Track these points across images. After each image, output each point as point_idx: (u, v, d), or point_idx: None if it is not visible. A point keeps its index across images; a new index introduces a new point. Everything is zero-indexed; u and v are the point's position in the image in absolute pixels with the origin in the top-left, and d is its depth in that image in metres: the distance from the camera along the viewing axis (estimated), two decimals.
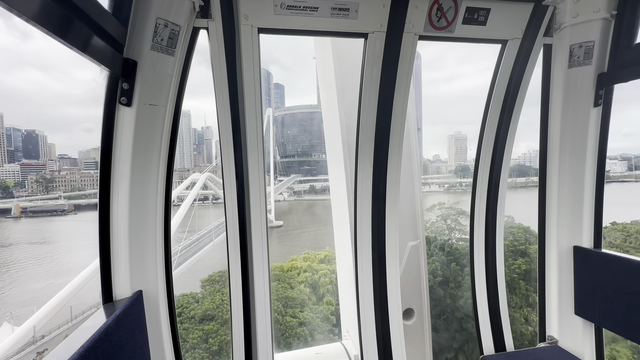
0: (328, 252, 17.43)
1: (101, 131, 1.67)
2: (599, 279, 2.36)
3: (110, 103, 1.65)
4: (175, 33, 1.72)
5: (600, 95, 2.29)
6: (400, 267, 3.02)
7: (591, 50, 2.22)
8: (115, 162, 1.70)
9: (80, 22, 1.22)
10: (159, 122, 1.79)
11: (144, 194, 1.81)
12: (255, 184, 2.21)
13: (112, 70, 1.55)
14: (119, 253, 1.77)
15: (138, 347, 1.65)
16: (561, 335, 2.62)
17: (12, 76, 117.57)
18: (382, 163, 2.37)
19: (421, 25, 2.11)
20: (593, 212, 2.49)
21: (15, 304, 21.45)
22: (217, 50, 1.95)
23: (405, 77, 2.22)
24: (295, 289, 15.25)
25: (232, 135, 2.09)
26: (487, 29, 2.22)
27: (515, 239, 15.58)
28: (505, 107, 2.47)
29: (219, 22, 1.90)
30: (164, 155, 1.87)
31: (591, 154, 2.41)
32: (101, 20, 1.34)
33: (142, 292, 1.82)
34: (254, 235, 2.26)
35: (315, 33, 2.16)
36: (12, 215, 39.58)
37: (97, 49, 1.37)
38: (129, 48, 1.62)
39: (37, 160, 55.93)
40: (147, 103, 1.71)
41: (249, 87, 2.06)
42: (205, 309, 13.91)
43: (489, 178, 2.64)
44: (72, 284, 13.17)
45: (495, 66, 2.43)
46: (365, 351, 2.56)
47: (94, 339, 1.27)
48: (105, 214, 1.74)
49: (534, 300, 13.69)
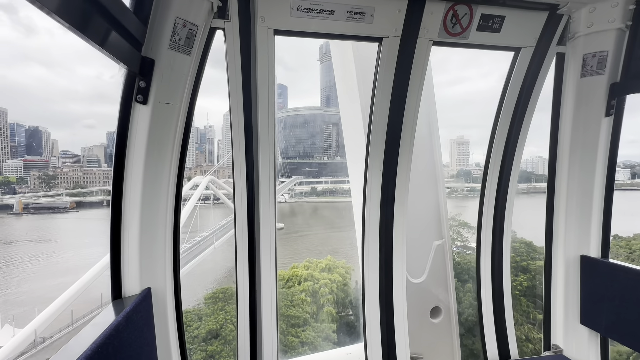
0: (329, 261, 17.32)
1: (116, 128, 1.68)
2: (606, 289, 2.36)
3: (127, 101, 1.66)
4: (193, 33, 1.74)
5: (612, 105, 2.30)
6: (427, 266, 3.08)
7: (604, 60, 2.22)
8: (129, 159, 1.72)
9: (102, 18, 1.23)
10: (173, 121, 1.81)
11: (156, 192, 1.82)
12: (265, 184, 2.22)
13: (130, 68, 1.56)
14: (130, 250, 1.78)
15: (146, 344, 1.66)
16: (566, 345, 2.61)
17: (17, 71, 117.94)
18: (392, 167, 2.37)
19: (436, 30, 2.12)
20: (601, 222, 2.49)
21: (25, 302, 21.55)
22: (232, 51, 1.97)
23: (417, 82, 2.23)
24: (297, 307, 14.98)
25: (244, 135, 2.10)
26: (500, 36, 2.22)
27: (516, 254, 15.41)
28: (516, 115, 2.47)
29: (236, 23, 1.92)
30: (176, 153, 1.89)
31: (601, 164, 2.41)
32: (122, 18, 1.35)
33: (150, 289, 1.83)
34: (262, 234, 2.26)
35: (330, 36, 2.18)
36: (14, 211, 39.66)
37: (116, 46, 1.38)
38: (147, 47, 1.63)
39: (40, 156, 56.10)
40: (163, 101, 1.73)
41: (262, 87, 2.08)
42: (209, 329, 13.73)
43: (497, 185, 2.63)
44: (74, 286, 13.21)
45: (508, 73, 2.42)
46: (369, 354, 2.56)
47: (106, 335, 1.28)
48: (118, 210, 1.74)
49: (534, 318, 13.62)
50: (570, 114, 2.42)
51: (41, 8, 0.93)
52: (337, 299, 15.67)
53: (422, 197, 3.10)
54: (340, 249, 29.22)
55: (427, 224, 3.07)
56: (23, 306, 21.17)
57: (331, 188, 54.16)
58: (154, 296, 1.85)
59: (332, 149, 64.27)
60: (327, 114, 67.20)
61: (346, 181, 53.77)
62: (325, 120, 65.34)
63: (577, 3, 2.14)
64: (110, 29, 1.30)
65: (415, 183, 3.01)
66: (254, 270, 2.26)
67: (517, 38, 2.26)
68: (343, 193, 53.03)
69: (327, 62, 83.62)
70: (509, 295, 2.72)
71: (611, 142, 2.39)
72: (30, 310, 19.41)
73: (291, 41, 5.39)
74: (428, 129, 3.13)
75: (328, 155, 64.25)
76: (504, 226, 2.68)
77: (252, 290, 2.26)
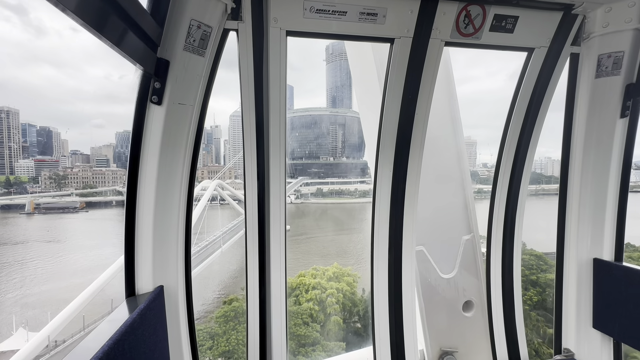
0: (337, 269, 17.30)
1: (132, 128, 1.71)
2: (620, 292, 2.34)
3: (142, 101, 1.68)
4: (207, 34, 1.77)
5: (627, 106, 2.27)
6: (457, 261, 3.08)
7: (620, 60, 2.19)
8: (144, 158, 1.74)
9: (120, 19, 1.24)
10: (186, 121, 1.83)
11: (169, 191, 1.85)
12: (275, 184, 2.23)
13: (145, 69, 1.57)
14: (143, 248, 1.80)
15: (159, 341, 1.69)
16: (578, 349, 2.59)
17: (28, 72, 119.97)
18: (402, 168, 2.36)
19: (448, 31, 2.10)
20: (615, 225, 2.46)
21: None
22: (245, 52, 1.97)
23: (429, 83, 2.21)
24: (309, 327, 14.80)
25: (255, 135, 2.11)
26: (514, 37, 2.19)
27: (526, 267, 15.01)
28: (528, 115, 2.43)
29: (249, 24, 1.92)
30: (189, 153, 1.91)
31: (615, 165, 2.39)
32: (140, 19, 1.36)
33: (163, 287, 1.86)
34: (272, 232, 2.27)
35: (343, 37, 2.16)
36: (25, 211, 40.41)
37: (133, 47, 1.39)
38: (162, 48, 1.65)
39: (50, 156, 57.04)
40: (177, 102, 1.75)
41: (274, 88, 2.08)
42: (222, 351, 13.63)
43: (508, 185, 2.60)
44: (88, 289, 13.32)
45: (520, 74, 2.39)
46: (378, 353, 2.56)
47: (122, 331, 1.30)
48: (132, 209, 1.77)
49: (544, 333, 13.37)
50: (584, 115, 2.39)
51: (63, 10, 0.95)
52: (345, 307, 15.61)
53: (449, 193, 3.09)
54: (349, 250, 29.15)
55: (455, 219, 3.06)
56: (36, 308, 21.55)
57: (337, 189, 54.10)
58: (167, 294, 1.88)
59: (339, 150, 64.16)
60: (333, 114, 67.08)
61: (351, 182, 53.40)
62: (332, 121, 65.24)
63: (593, 3, 2.10)
64: (128, 30, 1.32)
65: (442, 178, 3.04)
66: (264, 267, 2.27)
67: (531, 38, 2.23)
68: (349, 194, 52.93)
69: (333, 63, 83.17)
70: (520, 298, 2.69)
71: (626, 143, 2.36)
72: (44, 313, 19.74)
73: (297, 41, 5.27)
74: (452, 126, 3.13)
75: (334, 156, 64.15)
76: (514, 227, 2.65)
77: (262, 288, 2.27)
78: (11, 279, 25.25)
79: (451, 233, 3.05)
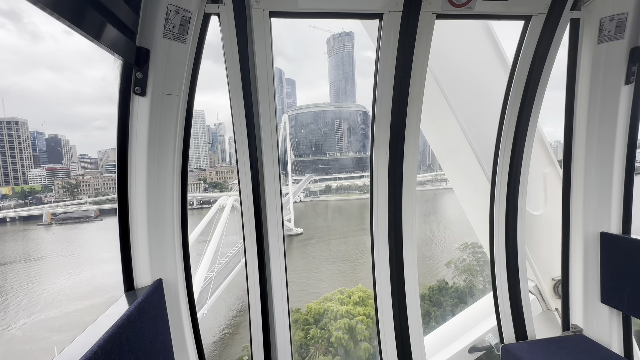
0: (362, 292, 16.78)
1: (117, 122, 1.68)
2: (628, 266, 2.28)
3: (125, 93, 1.66)
4: (187, 19, 1.72)
5: (632, 71, 2.19)
6: (545, 195, 3.17)
7: (624, 23, 2.10)
8: (132, 151, 1.72)
9: (94, 9, 1.22)
10: (173, 112, 1.80)
11: (161, 183, 1.83)
12: (270, 173, 2.21)
13: (125, 59, 1.55)
14: (138, 242, 1.79)
15: (160, 333, 1.68)
16: (586, 324, 2.58)
17: (28, 77, 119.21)
18: (399, 150, 2.28)
19: (439, 3, 2.01)
20: (622, 197, 2.41)
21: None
22: (228, 37, 1.93)
23: (422, 61, 2.11)
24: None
25: (245, 122, 2.08)
26: (509, 4, 2.09)
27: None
28: (527, 89, 2.32)
29: (230, 7, 1.87)
30: (179, 144, 1.89)
31: (621, 135, 2.31)
32: (113, 7, 1.33)
33: (162, 280, 1.85)
34: (269, 225, 2.26)
35: (329, 15, 2.10)
36: (43, 222, 40.91)
37: (110, 37, 1.36)
38: (141, 36, 1.62)
39: (61, 164, 57.51)
40: (161, 92, 1.72)
41: (261, 73, 2.03)
42: None
43: (509, 161, 2.53)
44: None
45: (517, 45, 2.29)
46: (383, 344, 2.57)
47: (118, 325, 1.30)
48: (124, 204, 1.76)
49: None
50: (587, 84, 2.30)
51: (35, 3, 0.94)
52: (372, 332, 15.51)
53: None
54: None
55: (534, 153, 2.82)
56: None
57: (345, 185, 54.04)
58: (166, 287, 1.87)
59: (344, 144, 63.75)
60: (337, 109, 66.31)
61: (359, 177, 52.32)
62: (337, 116, 64.55)
63: None
64: (104, 20, 1.29)
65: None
66: (263, 266, 2.27)
67: (527, 5, 2.11)
68: (358, 189, 52.81)
69: (335, 56, 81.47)
70: (525, 275, 2.65)
71: (632, 111, 2.28)
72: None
73: (294, 33, 4.90)
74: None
75: (340, 151, 63.81)
76: (517, 204, 2.58)
77: (262, 289, 2.28)
78: (41, 298, 25.53)
79: (531, 169, 2.82)
